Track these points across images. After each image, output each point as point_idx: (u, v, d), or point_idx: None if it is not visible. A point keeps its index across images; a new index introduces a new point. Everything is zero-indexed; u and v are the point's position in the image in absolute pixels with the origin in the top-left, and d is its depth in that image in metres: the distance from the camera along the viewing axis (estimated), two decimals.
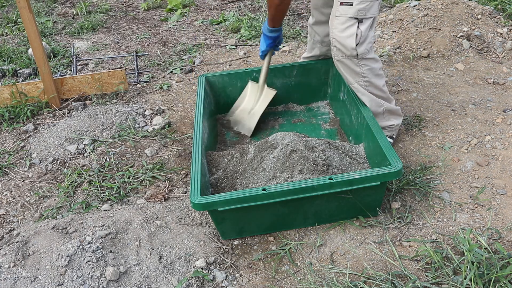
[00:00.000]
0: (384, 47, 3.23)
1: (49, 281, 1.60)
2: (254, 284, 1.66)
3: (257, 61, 3.23)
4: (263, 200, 1.65)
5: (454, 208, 1.89)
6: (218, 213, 1.68)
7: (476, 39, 3.15)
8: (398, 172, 1.67)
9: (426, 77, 2.89)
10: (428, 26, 3.23)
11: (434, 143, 2.28)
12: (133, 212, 1.91)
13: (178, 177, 2.21)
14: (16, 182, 2.27)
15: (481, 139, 2.26)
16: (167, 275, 1.67)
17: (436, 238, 1.75)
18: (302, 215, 1.79)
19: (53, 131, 2.58)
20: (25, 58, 3.49)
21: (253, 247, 1.80)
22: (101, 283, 1.60)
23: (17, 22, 4.31)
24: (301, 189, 1.65)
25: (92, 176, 2.23)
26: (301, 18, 3.97)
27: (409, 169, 2.10)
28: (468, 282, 1.49)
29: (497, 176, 2.03)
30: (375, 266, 1.66)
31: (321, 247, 1.76)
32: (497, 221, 1.81)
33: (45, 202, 2.12)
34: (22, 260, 1.67)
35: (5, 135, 2.64)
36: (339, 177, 1.67)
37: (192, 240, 1.81)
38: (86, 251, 1.66)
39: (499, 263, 1.53)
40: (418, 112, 2.53)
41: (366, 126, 1.96)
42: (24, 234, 1.81)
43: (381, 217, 1.86)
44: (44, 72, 2.74)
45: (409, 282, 1.55)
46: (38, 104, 2.84)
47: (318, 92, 2.58)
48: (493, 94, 2.65)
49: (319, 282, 1.62)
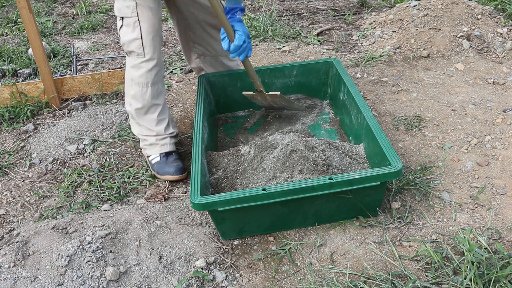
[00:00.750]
0: (384, 47, 3.23)
1: (49, 281, 1.60)
2: (254, 284, 1.66)
3: (257, 61, 3.23)
4: (263, 200, 1.65)
5: (454, 208, 1.89)
6: (218, 213, 1.68)
7: (476, 39, 3.15)
8: (398, 172, 1.67)
9: (426, 77, 2.89)
10: (428, 26, 3.23)
11: (434, 143, 2.28)
12: (133, 212, 1.91)
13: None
14: (16, 182, 2.27)
15: (481, 139, 2.26)
16: (167, 275, 1.67)
17: (436, 238, 1.75)
18: (302, 215, 1.79)
19: (53, 131, 2.58)
20: (25, 58, 3.48)
21: (253, 247, 1.80)
22: (101, 283, 1.60)
23: (17, 22, 4.31)
24: (301, 189, 1.65)
25: (92, 176, 2.23)
26: (301, 18, 3.98)
27: (409, 169, 2.10)
28: (468, 282, 1.49)
29: (497, 176, 2.04)
30: (375, 266, 1.66)
31: (321, 247, 1.76)
32: (497, 221, 1.81)
33: (45, 202, 2.13)
34: (22, 260, 1.67)
35: (5, 135, 2.64)
36: (339, 177, 1.67)
37: (192, 240, 1.81)
38: (86, 251, 1.66)
39: (499, 263, 1.53)
40: (418, 112, 2.53)
41: (366, 126, 1.96)
42: (24, 234, 1.81)
43: (381, 217, 1.86)
44: (44, 72, 2.74)
45: (409, 282, 1.55)
46: (38, 104, 2.84)
47: (318, 92, 2.58)
48: (493, 94, 2.65)
49: (319, 282, 1.62)
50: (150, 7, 1.99)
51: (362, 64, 3.06)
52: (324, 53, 3.27)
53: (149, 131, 2.20)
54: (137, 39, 2.01)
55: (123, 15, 2.01)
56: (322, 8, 4.17)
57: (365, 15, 3.88)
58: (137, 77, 2.09)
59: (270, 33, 3.58)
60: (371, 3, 4.13)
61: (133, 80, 2.11)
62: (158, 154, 2.20)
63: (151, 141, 2.21)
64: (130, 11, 1.98)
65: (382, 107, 2.60)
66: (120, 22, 2.03)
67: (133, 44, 2.03)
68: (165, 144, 2.21)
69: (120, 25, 2.05)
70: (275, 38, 3.52)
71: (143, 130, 2.21)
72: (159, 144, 2.21)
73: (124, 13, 2.00)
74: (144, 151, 2.28)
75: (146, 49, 2.03)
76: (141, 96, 2.12)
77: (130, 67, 2.12)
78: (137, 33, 2.00)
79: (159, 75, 2.13)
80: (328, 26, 3.74)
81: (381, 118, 2.50)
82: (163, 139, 2.20)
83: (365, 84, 2.85)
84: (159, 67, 2.12)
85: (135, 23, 1.99)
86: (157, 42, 2.06)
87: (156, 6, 2.02)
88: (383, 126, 2.42)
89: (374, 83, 2.85)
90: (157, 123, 2.18)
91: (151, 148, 2.22)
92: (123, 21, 2.02)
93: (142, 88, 2.10)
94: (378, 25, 3.53)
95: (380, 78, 2.89)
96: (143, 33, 2.00)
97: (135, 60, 2.07)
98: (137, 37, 2.01)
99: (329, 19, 3.93)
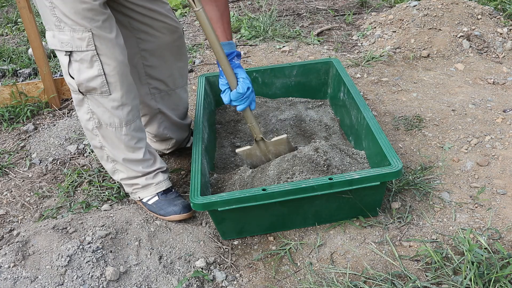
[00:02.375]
0: (384, 47, 3.23)
1: (49, 281, 1.60)
2: (254, 284, 1.66)
3: (257, 61, 3.23)
4: (263, 200, 1.65)
5: (454, 208, 1.89)
6: (218, 213, 1.68)
7: (476, 39, 3.15)
8: (398, 172, 1.67)
9: (426, 77, 2.89)
10: (428, 26, 3.23)
11: (434, 143, 2.28)
12: (133, 212, 1.91)
13: (178, 177, 2.21)
14: (16, 182, 2.27)
15: (481, 139, 2.26)
16: (167, 275, 1.67)
17: (436, 238, 1.75)
18: (302, 215, 1.79)
19: (53, 131, 2.58)
20: (25, 58, 3.49)
21: (253, 247, 1.80)
22: (101, 283, 1.60)
23: (17, 22, 4.31)
24: (301, 189, 1.65)
25: (92, 176, 2.23)
26: (301, 18, 3.98)
27: (409, 169, 2.10)
28: (468, 282, 1.49)
29: (497, 176, 2.04)
30: (375, 266, 1.66)
31: (321, 247, 1.76)
32: (497, 221, 1.81)
33: (45, 202, 2.13)
34: (22, 260, 1.67)
35: (5, 135, 2.64)
36: (339, 177, 1.67)
37: (192, 240, 1.81)
38: (86, 251, 1.66)
39: (499, 263, 1.53)
40: (418, 112, 2.53)
41: (366, 126, 1.96)
42: (24, 234, 1.81)
43: (381, 217, 1.86)
44: (44, 72, 2.74)
45: (409, 282, 1.55)
46: (38, 104, 2.84)
47: (318, 92, 2.58)
48: (493, 94, 2.65)
49: (319, 282, 1.62)
50: (110, 38, 1.65)
51: (362, 64, 3.06)
52: (324, 53, 3.27)
53: (135, 173, 1.89)
54: (98, 76, 1.66)
55: (72, 49, 1.62)
56: (322, 8, 4.17)
57: (365, 15, 3.88)
58: (107, 118, 1.75)
59: (270, 33, 3.58)
60: (371, 3, 4.13)
61: (102, 123, 1.76)
62: (155, 193, 1.94)
63: (142, 182, 1.92)
64: (85, 44, 1.60)
65: (382, 107, 2.60)
66: (67, 58, 1.64)
67: (93, 82, 1.67)
68: (160, 181, 1.94)
69: (66, 61, 1.64)
70: (275, 38, 3.52)
71: (129, 172, 1.89)
72: (153, 183, 1.92)
73: (75, 46, 1.61)
74: (134, 195, 1.97)
75: (111, 85, 1.69)
76: (117, 137, 1.79)
77: (92, 111, 1.74)
78: (98, 69, 1.65)
79: (134, 110, 1.79)
80: (328, 26, 3.74)
81: (381, 118, 2.50)
82: (155, 176, 1.93)
83: (365, 84, 2.85)
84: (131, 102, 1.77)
85: (93, 57, 1.63)
86: (126, 72, 1.72)
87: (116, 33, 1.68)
88: (383, 126, 2.42)
89: (374, 83, 2.85)
90: (144, 162, 1.89)
91: (144, 191, 1.94)
92: (71, 57, 1.63)
93: (115, 129, 1.77)
94: (378, 25, 3.53)
95: (380, 78, 2.89)
96: (105, 68, 1.65)
97: (100, 99, 1.71)
98: (98, 74, 1.65)
99: (329, 19, 3.93)
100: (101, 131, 1.78)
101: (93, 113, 1.74)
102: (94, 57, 1.62)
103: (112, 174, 1.94)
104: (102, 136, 1.80)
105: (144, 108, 2.07)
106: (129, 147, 1.82)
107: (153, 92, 2.05)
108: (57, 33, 1.61)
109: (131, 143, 1.82)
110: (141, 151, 1.86)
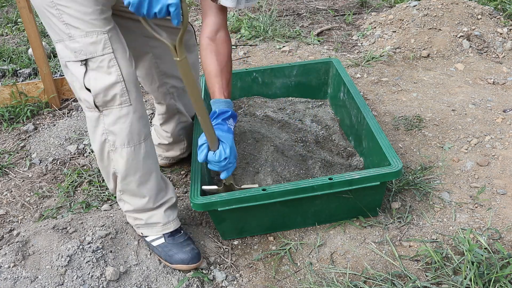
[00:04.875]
0: (384, 47, 3.23)
1: (49, 281, 1.60)
2: (254, 284, 1.66)
3: (257, 61, 3.23)
4: (263, 200, 1.65)
5: (454, 208, 1.89)
6: (218, 213, 1.68)
7: (476, 39, 3.15)
8: (398, 172, 1.67)
9: (426, 77, 2.89)
10: (428, 26, 3.23)
11: (434, 143, 2.28)
12: None
13: (178, 177, 2.21)
14: (16, 182, 2.27)
15: (481, 139, 2.26)
16: (167, 275, 1.67)
17: (436, 238, 1.75)
18: (302, 215, 1.79)
19: (53, 131, 2.58)
20: (25, 58, 3.48)
21: (253, 247, 1.80)
22: (101, 283, 1.60)
23: (17, 22, 4.31)
24: (301, 189, 1.65)
25: (92, 176, 2.23)
26: (301, 18, 3.98)
27: (409, 169, 2.10)
28: (468, 282, 1.49)
29: (497, 176, 2.04)
30: (375, 266, 1.66)
31: (321, 247, 1.76)
32: (497, 221, 1.81)
33: (45, 202, 2.13)
34: (22, 260, 1.67)
35: (5, 135, 2.64)
36: (339, 177, 1.67)
37: None
38: (86, 251, 1.66)
39: (499, 263, 1.53)
40: (418, 112, 2.53)
41: (366, 126, 1.96)
42: (24, 234, 1.81)
43: (381, 217, 1.86)
44: (44, 72, 2.74)
45: (409, 282, 1.55)
46: (38, 104, 2.84)
47: (318, 92, 2.58)
48: (493, 94, 2.65)
49: (319, 282, 1.62)
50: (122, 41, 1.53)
51: (362, 64, 3.06)
52: (324, 53, 3.27)
53: (142, 203, 1.67)
54: (117, 83, 1.49)
55: (87, 56, 1.46)
56: (322, 8, 4.17)
57: (365, 15, 3.88)
58: (126, 135, 1.55)
59: (270, 33, 3.58)
60: (371, 3, 4.13)
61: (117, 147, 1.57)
62: (161, 234, 1.72)
63: (146, 219, 1.70)
64: (101, 47, 1.47)
65: (382, 107, 2.60)
66: (83, 68, 1.47)
67: (112, 91, 1.49)
68: (169, 222, 1.70)
69: (82, 72, 1.48)
70: (275, 38, 3.52)
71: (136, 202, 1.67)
72: (161, 223, 1.69)
73: (89, 53, 1.46)
74: (137, 230, 1.76)
75: (131, 94, 1.53)
76: (134, 159, 1.58)
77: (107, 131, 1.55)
78: (116, 74, 1.49)
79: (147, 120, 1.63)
80: (328, 26, 3.74)
81: (381, 118, 2.50)
82: (164, 212, 1.70)
83: (365, 84, 2.85)
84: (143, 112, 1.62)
85: (111, 61, 1.48)
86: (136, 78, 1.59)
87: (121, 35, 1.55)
88: (383, 126, 2.42)
89: (374, 83, 2.85)
90: (156, 192, 1.67)
91: (148, 229, 1.72)
92: (87, 66, 1.47)
93: (134, 148, 1.58)
94: (378, 25, 3.53)
95: (380, 78, 2.89)
96: (123, 72, 1.50)
97: (119, 111, 1.53)
98: (117, 80, 1.49)
99: (329, 19, 3.93)
100: (115, 155, 1.58)
101: (109, 133, 1.55)
102: (112, 61, 1.47)
103: (119, 201, 1.75)
104: (116, 161, 1.60)
105: (163, 108, 2.01)
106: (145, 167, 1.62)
107: (172, 91, 1.98)
108: (68, 43, 1.46)
109: (148, 162, 1.62)
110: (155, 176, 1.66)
